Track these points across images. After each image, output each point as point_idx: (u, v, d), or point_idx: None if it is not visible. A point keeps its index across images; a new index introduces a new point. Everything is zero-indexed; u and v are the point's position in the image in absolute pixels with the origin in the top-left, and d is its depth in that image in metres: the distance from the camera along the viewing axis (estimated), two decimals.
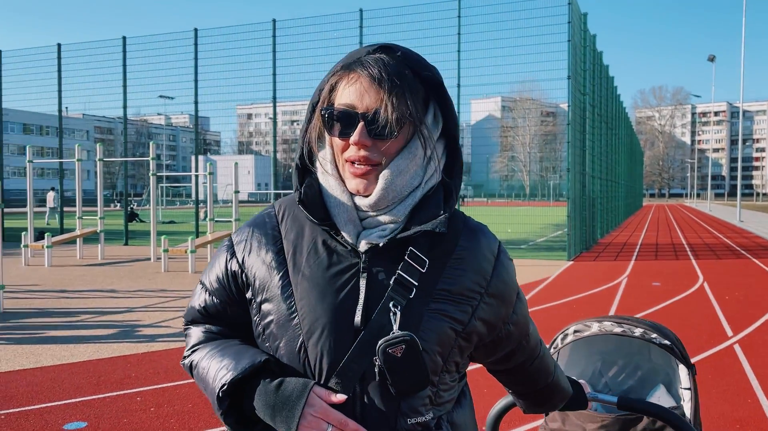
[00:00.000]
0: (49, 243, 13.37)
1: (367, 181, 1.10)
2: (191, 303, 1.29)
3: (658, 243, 19.21)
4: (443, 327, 1.11)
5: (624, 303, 8.75)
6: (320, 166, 1.17)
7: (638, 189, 55.10)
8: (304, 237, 1.16)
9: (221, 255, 1.23)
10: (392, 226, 1.12)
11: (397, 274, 1.10)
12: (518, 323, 1.27)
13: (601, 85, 20.73)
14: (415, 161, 1.13)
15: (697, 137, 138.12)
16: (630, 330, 1.93)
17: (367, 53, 1.13)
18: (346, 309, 1.09)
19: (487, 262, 1.19)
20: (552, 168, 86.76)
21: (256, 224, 1.22)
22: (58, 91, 19.96)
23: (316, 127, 1.16)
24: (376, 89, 1.08)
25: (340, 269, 1.12)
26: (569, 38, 14.36)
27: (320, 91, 1.16)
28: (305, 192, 1.14)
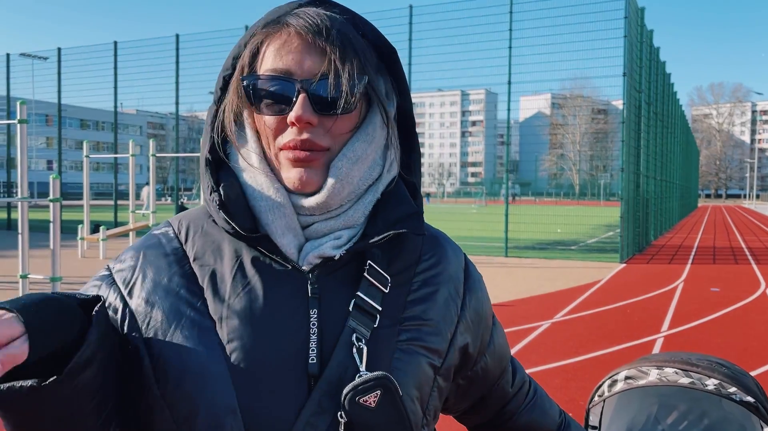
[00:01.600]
0: (104, 236, 13.75)
1: (312, 170, 0.81)
2: None
3: (715, 247, 18.51)
4: (419, 362, 0.84)
5: (680, 310, 8.42)
6: (241, 158, 0.85)
7: (693, 189, 53.40)
8: (224, 257, 0.84)
9: (92, 286, 0.87)
10: (349, 232, 0.84)
11: (356, 297, 0.82)
12: (495, 354, 1.00)
13: (658, 81, 20.11)
14: (374, 146, 0.85)
15: (757, 136, 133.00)
16: (701, 382, 1.58)
17: (297, 6, 0.84)
18: (294, 350, 0.79)
19: (458, 275, 0.94)
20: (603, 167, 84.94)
21: (146, 246, 0.88)
22: (114, 88, 20.55)
23: (232, 105, 0.85)
24: (321, 48, 0.79)
25: (280, 296, 0.81)
26: (625, 34, 13.93)
27: (234, 59, 0.85)
28: (226, 193, 0.82)
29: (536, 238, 18.51)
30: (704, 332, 7.15)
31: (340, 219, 0.84)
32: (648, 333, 6.99)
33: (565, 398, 4.81)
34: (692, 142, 49.02)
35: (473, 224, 23.00)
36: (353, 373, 0.78)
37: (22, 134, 8.54)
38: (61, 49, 21.43)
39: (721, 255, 16.19)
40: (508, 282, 10.88)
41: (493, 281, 11.00)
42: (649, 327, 7.29)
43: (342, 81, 0.79)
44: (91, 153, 15.16)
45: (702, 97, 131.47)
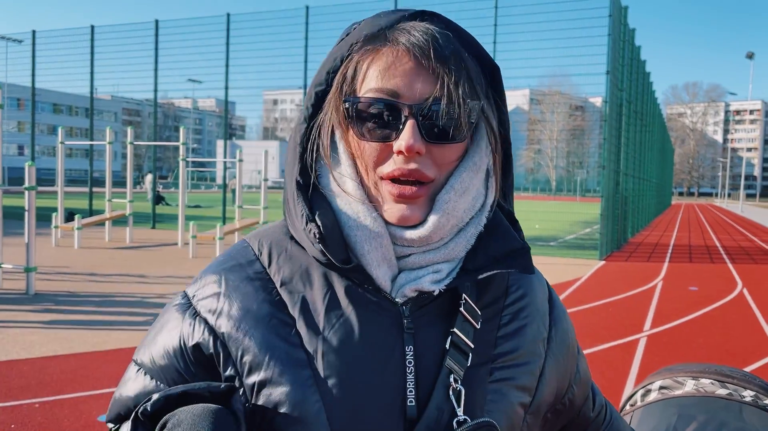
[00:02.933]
0: (79, 225, 13.46)
1: (416, 206, 0.76)
2: (120, 392, 0.84)
3: (691, 245, 18.79)
4: (511, 402, 0.80)
5: (662, 308, 8.50)
6: (335, 184, 0.79)
7: (668, 187, 54.20)
8: (314, 284, 0.79)
9: (172, 320, 0.81)
10: (448, 266, 0.79)
11: (452, 334, 0.77)
12: (581, 383, 0.95)
13: (638, 80, 20.28)
14: (480, 175, 0.79)
15: (729, 136, 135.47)
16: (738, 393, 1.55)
17: (401, 19, 0.77)
18: (392, 389, 0.74)
19: (544, 305, 0.89)
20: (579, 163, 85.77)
21: (227, 269, 0.81)
22: (90, 73, 20.08)
23: (328, 127, 0.79)
24: (433, 70, 0.73)
25: (376, 330, 0.76)
26: (609, 32, 13.99)
27: (329, 74, 0.78)
28: (323, 223, 0.77)
29: None
30: (686, 331, 7.21)
31: (440, 252, 0.79)
32: (631, 332, 7.03)
33: None
34: (668, 141, 49.69)
35: None
36: (449, 417, 0.74)
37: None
38: (36, 31, 20.90)
39: (697, 253, 16.43)
40: None
41: None
42: (632, 326, 7.34)
43: (455, 107, 0.73)
44: (65, 138, 14.80)
45: (677, 96, 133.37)
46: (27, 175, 8.37)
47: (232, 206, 15.20)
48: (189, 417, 0.67)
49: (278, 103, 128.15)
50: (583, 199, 46.83)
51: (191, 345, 0.78)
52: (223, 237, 12.40)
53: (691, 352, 6.25)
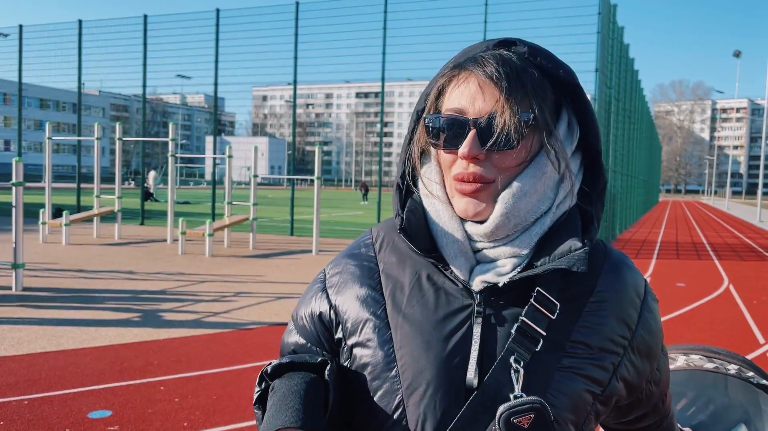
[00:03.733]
0: (67, 221, 13.36)
1: (477, 201, 0.89)
2: (284, 338, 1.10)
3: (678, 242, 18.95)
4: (578, 389, 0.88)
5: None
6: (424, 186, 0.96)
7: (655, 184, 54.57)
8: (406, 270, 0.96)
9: (312, 290, 1.05)
10: (514, 261, 0.90)
11: (519, 321, 0.87)
12: (660, 382, 1.03)
13: (626, 78, 20.39)
14: (543, 181, 0.90)
15: (716, 133, 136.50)
16: (723, 367, 1.71)
17: (485, 49, 0.92)
18: (456, 363, 0.88)
19: (633, 307, 0.95)
20: None
21: (351, 255, 1.03)
22: (78, 68, 19.90)
23: (420, 139, 0.95)
24: (492, 89, 0.87)
25: (449, 312, 0.91)
26: (599, 30, 14.06)
27: (426, 96, 0.95)
28: (407, 218, 0.93)
29: None
30: (674, 327, 7.29)
31: (507, 248, 0.90)
32: None
33: None
34: (656, 138, 50.01)
35: None
36: (508, 392, 0.85)
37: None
38: (23, 26, 20.67)
39: (684, 250, 16.58)
40: None
41: None
42: None
43: (507, 120, 0.86)
44: (52, 134, 14.68)
45: (664, 94, 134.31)
46: (14, 171, 8.30)
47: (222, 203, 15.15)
48: (284, 384, 0.90)
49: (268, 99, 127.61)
50: None
51: (317, 313, 1.00)
52: (213, 233, 12.36)
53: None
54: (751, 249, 17.47)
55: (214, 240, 12.70)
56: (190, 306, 7.52)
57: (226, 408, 4.30)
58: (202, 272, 10.13)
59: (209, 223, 12.46)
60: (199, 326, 6.55)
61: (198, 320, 6.82)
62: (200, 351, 5.64)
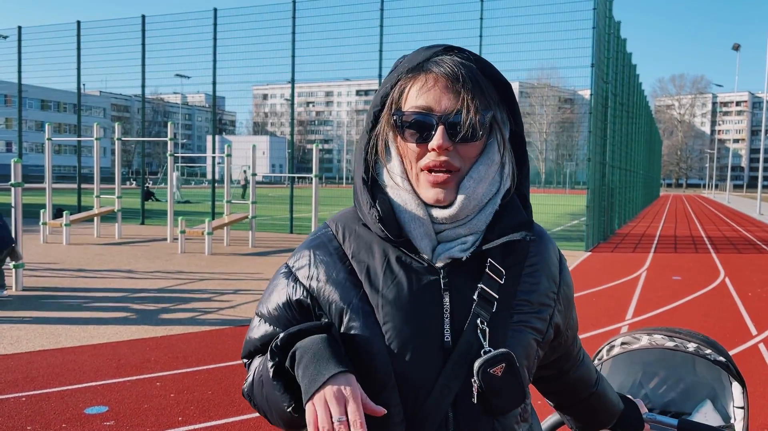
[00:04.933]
0: (68, 221, 13.43)
1: (447, 189, 1.03)
2: (249, 335, 1.17)
3: (676, 236, 18.99)
4: (527, 339, 1.09)
5: (644, 297, 8.64)
6: (389, 179, 1.08)
7: (656, 179, 54.53)
8: (375, 255, 1.08)
9: (280, 283, 1.13)
10: (472, 238, 1.06)
11: (479, 289, 1.05)
12: (573, 327, 1.26)
13: (624, 73, 20.40)
14: (493, 167, 1.06)
15: (717, 127, 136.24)
16: (683, 345, 1.82)
17: (434, 54, 1.05)
18: (433, 330, 1.03)
19: (555, 267, 1.17)
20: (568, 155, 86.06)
21: (314, 246, 1.13)
22: (77, 69, 19.97)
23: (383, 136, 1.08)
24: (456, 89, 1.01)
25: (420, 288, 1.05)
26: (594, 25, 14.09)
27: (382, 97, 1.07)
28: (382, 209, 1.06)
29: None
30: (667, 320, 7.34)
31: (466, 227, 1.05)
32: (613, 321, 7.15)
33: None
34: (656, 133, 49.96)
35: None
36: (478, 349, 1.02)
37: None
38: (22, 27, 20.73)
39: (682, 243, 16.62)
40: None
41: None
42: (615, 315, 7.47)
43: (471, 115, 1.00)
44: (53, 135, 14.75)
45: (664, 88, 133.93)
46: (13, 172, 8.38)
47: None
48: (310, 343, 0.98)
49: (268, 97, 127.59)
50: (572, 191, 47.02)
51: (295, 300, 1.09)
52: (212, 232, 12.44)
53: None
54: (749, 242, 17.50)
55: (213, 239, 12.77)
56: (188, 304, 7.59)
57: (221, 403, 4.37)
58: (201, 270, 10.21)
59: (208, 222, 12.54)
60: (196, 323, 6.63)
61: (195, 318, 6.90)
62: (197, 348, 5.71)
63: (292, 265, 1.13)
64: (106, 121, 73.16)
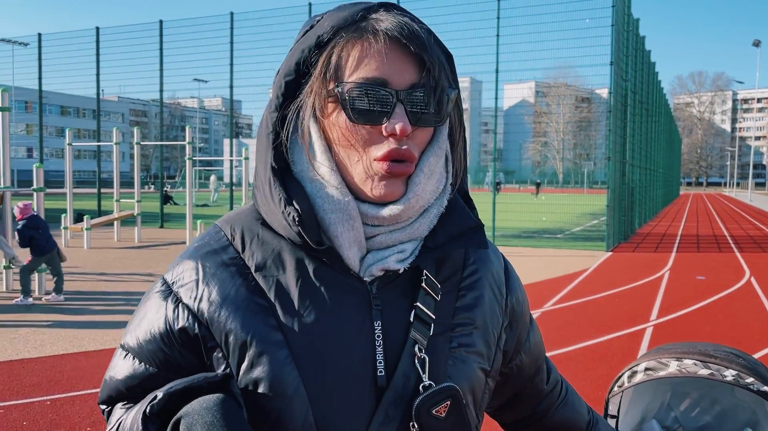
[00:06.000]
0: (88, 225, 13.56)
1: (400, 182, 0.80)
2: (110, 374, 0.88)
3: (698, 235, 18.72)
4: (472, 368, 0.86)
5: (668, 298, 8.51)
6: (309, 170, 0.82)
7: (675, 177, 53.93)
8: (286, 266, 0.82)
9: (154, 305, 0.84)
10: (411, 245, 0.83)
11: (416, 308, 0.82)
12: (531, 353, 1.00)
13: (643, 70, 20.19)
14: (442, 159, 0.84)
15: (737, 124, 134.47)
16: (719, 373, 1.57)
17: (367, 11, 0.80)
18: (362, 362, 0.79)
19: (500, 276, 0.95)
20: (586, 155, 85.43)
21: (202, 256, 0.84)
22: (96, 74, 20.19)
23: (309, 114, 0.81)
24: (418, 58, 0.78)
25: (346, 309, 0.80)
26: (613, 23, 13.94)
27: (298, 64, 0.80)
28: (300, 207, 0.80)
29: (522, 227, 18.58)
30: (692, 321, 7.22)
31: (405, 231, 0.83)
32: (637, 323, 7.04)
33: None
34: (675, 131, 49.42)
35: None
36: (416, 383, 0.80)
37: (4, 122, 8.37)
38: (42, 34, 21.02)
39: (704, 243, 16.37)
40: None
41: None
42: (638, 317, 7.35)
43: (436, 93, 0.79)
44: (73, 140, 14.91)
45: (683, 85, 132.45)
46: (35, 177, 8.46)
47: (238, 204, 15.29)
48: (199, 410, 0.71)
49: None
50: (590, 191, 46.64)
51: (177, 329, 0.81)
52: None
53: (696, 341, 6.25)
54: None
55: None
56: None
57: None
58: None
59: None
60: None
61: None
62: None
63: (171, 281, 0.84)
64: (125, 125, 74.01)
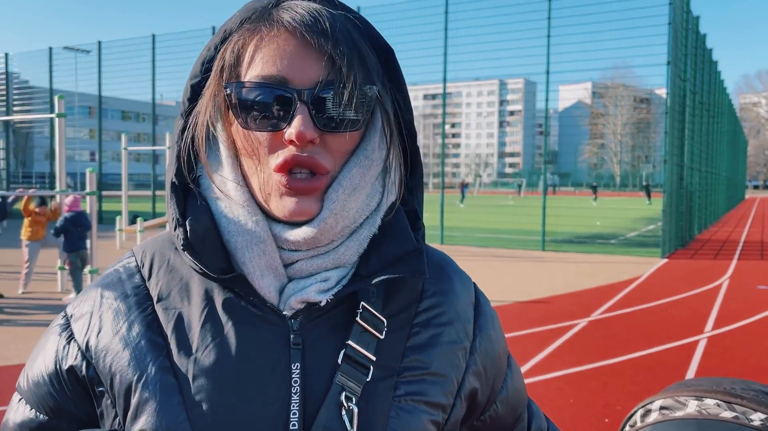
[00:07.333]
0: (141, 227, 13.96)
1: (311, 198, 0.68)
2: (5, 420, 0.79)
3: (763, 241, 17.85)
4: (420, 421, 0.71)
5: (725, 309, 8.09)
6: (214, 185, 0.72)
7: (740, 180, 51.76)
8: (192, 299, 0.71)
9: (48, 341, 0.75)
10: (338, 273, 0.71)
11: (346, 347, 0.69)
12: (509, 402, 0.85)
13: (704, 70, 19.43)
14: (373, 170, 0.71)
15: None
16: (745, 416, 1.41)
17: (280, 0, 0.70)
18: (272, 413, 0.66)
19: (467, 312, 0.80)
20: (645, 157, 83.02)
21: (105, 284, 0.75)
22: (152, 80, 20.83)
23: (204, 122, 0.71)
24: (323, 51, 0.66)
25: (257, 348, 0.68)
26: (670, 21, 13.44)
27: (204, 64, 0.71)
28: (192, 228, 0.70)
29: (575, 231, 18.14)
30: (751, 333, 6.84)
31: (329, 257, 0.71)
32: (690, 334, 6.72)
33: (601, 403, 4.63)
34: (740, 132, 47.43)
35: (509, 216, 22.70)
36: None
37: (60, 128, 8.69)
38: (101, 42, 21.82)
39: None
40: (544, 277, 10.64)
41: (528, 276, 10.78)
42: (692, 327, 7.02)
43: (349, 91, 0.66)
44: (132, 144, 15.42)
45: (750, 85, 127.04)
46: (88, 181, 8.74)
47: None
48: None
49: None
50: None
51: (66, 368, 0.72)
52: None
53: (755, 355, 5.91)
54: None
55: None
56: None
57: None
58: None
59: None
60: None
61: None
62: None
63: (70, 314, 0.75)
64: None
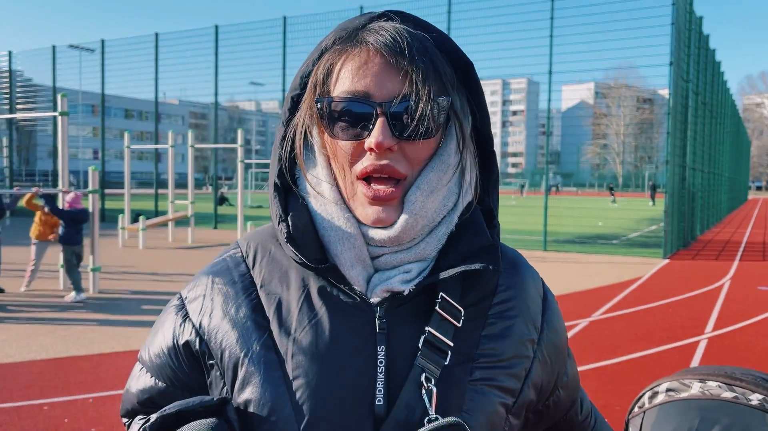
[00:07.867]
0: (144, 226, 13.98)
1: (391, 207, 0.77)
2: (128, 387, 0.90)
3: (765, 242, 17.83)
4: (492, 403, 0.79)
5: (726, 310, 8.10)
6: (310, 186, 0.81)
7: (743, 181, 51.64)
8: (291, 286, 0.81)
9: (167, 320, 0.86)
10: (419, 266, 0.80)
11: (426, 333, 0.77)
12: (569, 387, 0.95)
13: (707, 70, 19.39)
14: (448, 174, 0.79)
15: None
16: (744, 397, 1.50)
17: (369, 20, 0.80)
18: (360, 389, 0.75)
19: (536, 306, 0.88)
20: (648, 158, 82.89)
21: (215, 272, 0.85)
22: (155, 78, 20.85)
23: (302, 130, 0.81)
24: (400, 68, 0.74)
25: (347, 330, 0.77)
26: (673, 21, 13.43)
27: (303, 78, 0.81)
28: (294, 224, 0.79)
29: (577, 232, 18.14)
30: (751, 334, 6.84)
31: (411, 252, 0.79)
32: (690, 335, 6.72)
33: (602, 403, 4.64)
34: (743, 133, 47.34)
35: (511, 216, 22.68)
36: (421, 416, 0.74)
37: (63, 126, 8.71)
38: (105, 40, 21.85)
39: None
40: (546, 277, 10.50)
41: None
42: (692, 328, 7.02)
43: (423, 103, 0.74)
44: (135, 142, 15.44)
45: (753, 85, 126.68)
46: (90, 179, 8.76)
47: None
48: None
49: None
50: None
51: (182, 343, 0.82)
52: None
53: (755, 356, 5.92)
54: None
55: None
56: None
57: None
58: None
59: None
60: None
61: None
62: None
63: (185, 296, 0.86)
64: (185, 128, 76.15)
